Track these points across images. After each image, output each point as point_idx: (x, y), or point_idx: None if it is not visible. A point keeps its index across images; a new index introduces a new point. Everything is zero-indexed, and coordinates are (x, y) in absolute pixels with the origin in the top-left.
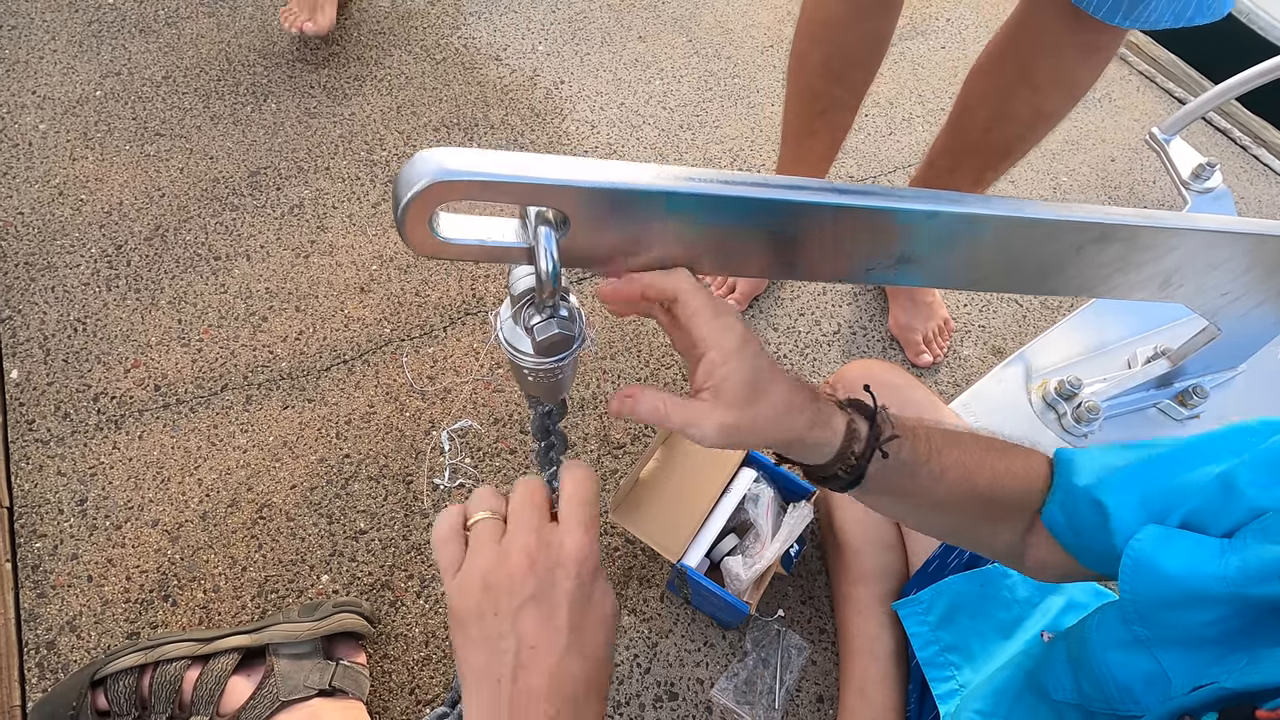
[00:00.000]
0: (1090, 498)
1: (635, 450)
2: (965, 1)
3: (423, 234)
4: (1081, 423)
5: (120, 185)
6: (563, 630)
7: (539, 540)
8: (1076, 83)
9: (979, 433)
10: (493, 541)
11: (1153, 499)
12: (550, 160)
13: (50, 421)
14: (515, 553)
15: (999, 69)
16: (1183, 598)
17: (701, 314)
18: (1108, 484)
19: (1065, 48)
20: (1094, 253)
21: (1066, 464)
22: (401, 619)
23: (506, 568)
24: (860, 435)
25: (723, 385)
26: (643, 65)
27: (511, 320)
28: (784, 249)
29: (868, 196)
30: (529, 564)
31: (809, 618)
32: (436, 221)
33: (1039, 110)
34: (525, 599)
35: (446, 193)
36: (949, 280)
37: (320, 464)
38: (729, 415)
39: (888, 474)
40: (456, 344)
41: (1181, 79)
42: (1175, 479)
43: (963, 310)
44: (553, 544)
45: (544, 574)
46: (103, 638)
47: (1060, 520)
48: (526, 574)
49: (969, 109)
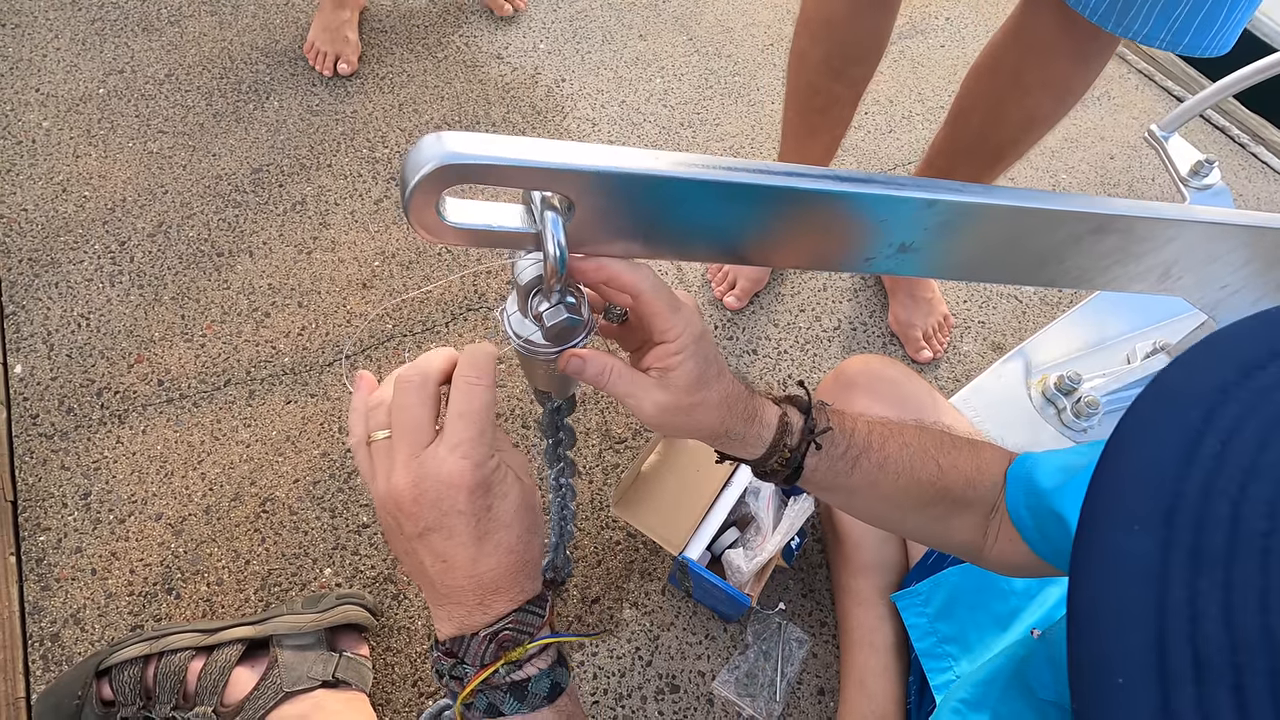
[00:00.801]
0: (1050, 507)
1: (636, 445)
2: (965, 0)
3: (429, 218)
4: (1081, 417)
5: (123, 182)
6: (468, 544)
7: (419, 471)
8: (1068, 89)
9: (928, 427)
10: (383, 464)
11: None
12: (557, 145)
13: (54, 416)
14: (401, 487)
15: (994, 72)
16: None
17: (662, 308)
18: (1067, 490)
19: (1058, 53)
20: (1092, 243)
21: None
22: (404, 611)
23: (394, 499)
24: (793, 429)
25: (672, 371)
26: (644, 63)
27: (519, 313)
28: (785, 237)
29: (869, 184)
30: (414, 498)
31: (810, 610)
32: (443, 206)
33: (1031, 115)
34: (421, 530)
35: (454, 175)
36: (947, 271)
37: (323, 458)
38: (669, 397)
39: (826, 466)
40: (459, 340)
41: (1180, 77)
42: None
43: (962, 306)
44: (429, 476)
45: (431, 504)
46: (106, 630)
47: (1028, 522)
48: (415, 507)
49: (964, 111)
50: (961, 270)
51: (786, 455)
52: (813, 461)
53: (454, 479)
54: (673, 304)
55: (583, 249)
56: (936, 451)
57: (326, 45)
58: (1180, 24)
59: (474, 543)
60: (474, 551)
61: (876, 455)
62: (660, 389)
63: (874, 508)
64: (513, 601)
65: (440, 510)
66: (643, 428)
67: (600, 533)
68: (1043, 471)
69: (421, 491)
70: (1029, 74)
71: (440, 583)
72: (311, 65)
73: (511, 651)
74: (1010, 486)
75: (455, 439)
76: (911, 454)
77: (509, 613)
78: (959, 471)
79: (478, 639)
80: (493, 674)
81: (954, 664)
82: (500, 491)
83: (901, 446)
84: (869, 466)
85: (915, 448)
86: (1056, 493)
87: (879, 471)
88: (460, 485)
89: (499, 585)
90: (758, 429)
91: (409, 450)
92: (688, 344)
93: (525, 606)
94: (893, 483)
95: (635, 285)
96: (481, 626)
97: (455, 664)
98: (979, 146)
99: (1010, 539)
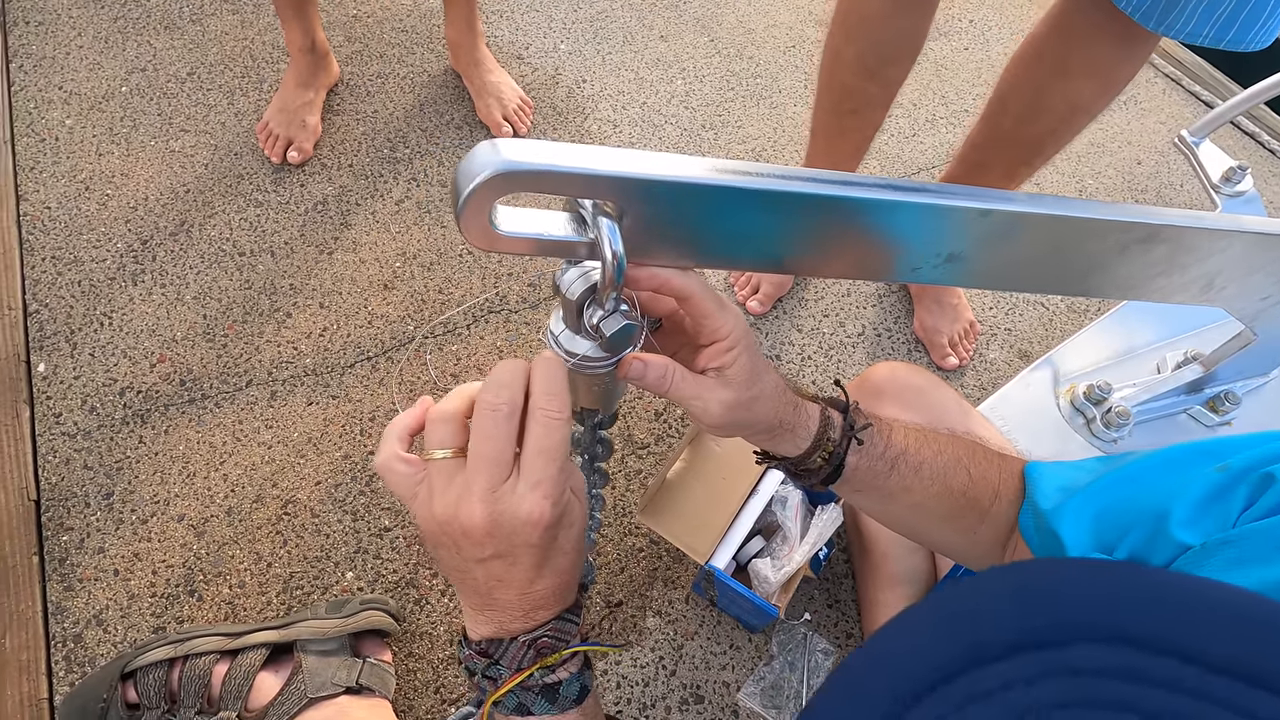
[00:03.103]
0: (1049, 528)
1: (659, 450)
2: (989, 3)
3: (482, 227)
4: (1111, 428)
5: (146, 180)
6: (528, 569)
7: (497, 506)
8: (1113, 77)
9: (960, 435)
10: (448, 486)
11: (1104, 527)
12: (612, 153)
13: (77, 415)
14: (476, 519)
15: (1036, 60)
16: None
17: (712, 308)
18: (1064, 512)
19: (1103, 39)
20: (1140, 253)
21: (1034, 481)
22: (426, 617)
23: (462, 524)
24: (835, 423)
25: (729, 367)
26: (664, 65)
27: (568, 330)
28: (833, 246)
29: (922, 194)
30: (488, 531)
31: (835, 621)
32: (495, 214)
33: (1073, 103)
34: (486, 556)
35: (508, 185)
36: (992, 280)
37: (344, 460)
38: (732, 393)
39: (866, 465)
40: (480, 342)
41: (1208, 81)
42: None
43: (988, 313)
44: (508, 512)
45: (504, 537)
46: (129, 632)
47: (1035, 540)
48: (486, 539)
49: (1003, 99)
50: (1006, 280)
51: (830, 450)
52: (853, 459)
53: (533, 518)
54: (719, 302)
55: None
56: (968, 460)
57: (280, 128)
58: (1224, 19)
59: (534, 568)
60: (533, 575)
61: (913, 458)
62: (723, 387)
63: (907, 515)
64: (553, 612)
65: (511, 543)
66: (665, 432)
67: (623, 539)
68: (1042, 491)
69: (497, 525)
70: (1073, 60)
71: (488, 594)
72: (261, 147)
73: (548, 657)
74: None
75: (536, 477)
76: (945, 461)
77: (549, 621)
78: (987, 482)
79: (517, 643)
80: (528, 677)
81: None
82: (567, 521)
83: (936, 453)
84: (905, 470)
85: (949, 455)
86: (1054, 514)
87: (914, 476)
88: (538, 524)
89: (547, 601)
90: (804, 419)
91: (488, 483)
92: (740, 339)
93: (564, 615)
94: (926, 488)
95: (686, 288)
96: (522, 631)
97: (490, 664)
98: (1017, 137)
99: (1025, 554)
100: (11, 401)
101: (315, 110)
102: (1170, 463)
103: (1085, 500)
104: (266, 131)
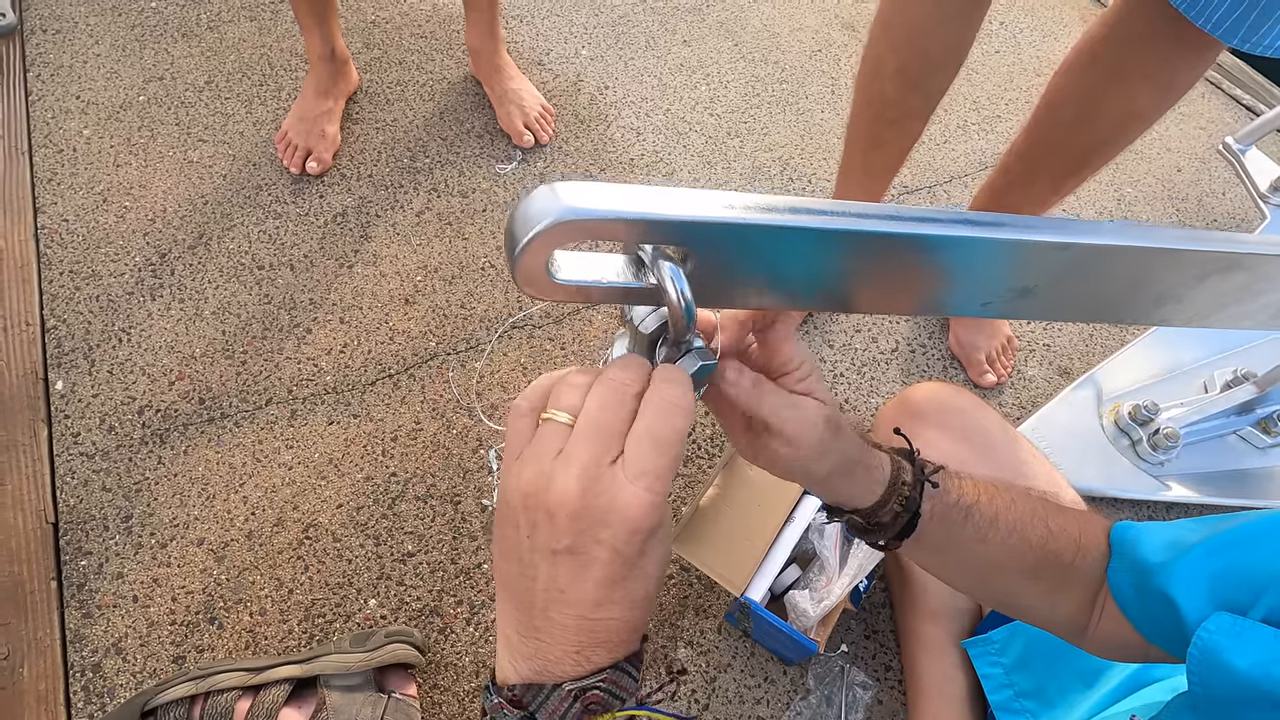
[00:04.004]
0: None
1: (687, 473)
2: (1019, 5)
3: (539, 277)
4: (1158, 450)
5: (164, 192)
6: (598, 584)
7: (590, 484)
8: (1172, 83)
9: (1030, 490)
10: (550, 453)
11: (1227, 587)
12: (680, 195)
13: (95, 435)
14: (567, 491)
15: (1090, 64)
16: (1257, 698)
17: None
18: (1175, 570)
19: (1164, 43)
20: (1217, 282)
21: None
22: (451, 647)
23: (548, 501)
24: (905, 468)
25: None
26: (688, 70)
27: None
28: (907, 283)
29: (1000, 229)
30: (574, 511)
31: (873, 653)
32: (553, 263)
33: (1129, 109)
34: (560, 548)
35: (569, 234)
36: (1063, 313)
37: (366, 482)
38: (828, 410)
39: (941, 513)
40: (504, 358)
41: (1249, 85)
42: (1251, 564)
43: (1026, 328)
44: (604, 495)
45: (586, 528)
46: (148, 661)
47: (1132, 600)
48: (568, 520)
49: (1053, 106)
50: (1077, 313)
51: (905, 495)
52: (928, 507)
53: (628, 511)
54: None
55: (699, 302)
56: (1045, 513)
57: (299, 138)
58: None
59: (606, 586)
60: (602, 595)
61: (986, 510)
62: (815, 405)
63: (985, 574)
64: (611, 657)
65: (593, 536)
66: (694, 454)
67: None
68: (1148, 546)
69: (585, 507)
70: (1130, 65)
71: (542, 611)
72: (279, 158)
73: (599, 716)
74: (1114, 558)
75: (643, 466)
76: (1019, 513)
77: (604, 669)
78: (1068, 535)
79: (560, 692)
80: None
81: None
82: (658, 538)
83: (1009, 505)
84: (980, 521)
85: (1023, 507)
86: (1163, 570)
87: (990, 528)
88: (630, 520)
89: (609, 639)
90: (877, 460)
91: (593, 455)
92: (811, 369)
93: (622, 665)
94: (1004, 541)
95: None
96: (569, 678)
97: (523, 717)
98: (1067, 146)
99: (1113, 617)
100: (29, 421)
101: (335, 119)
102: None
103: (1199, 558)
104: (285, 141)
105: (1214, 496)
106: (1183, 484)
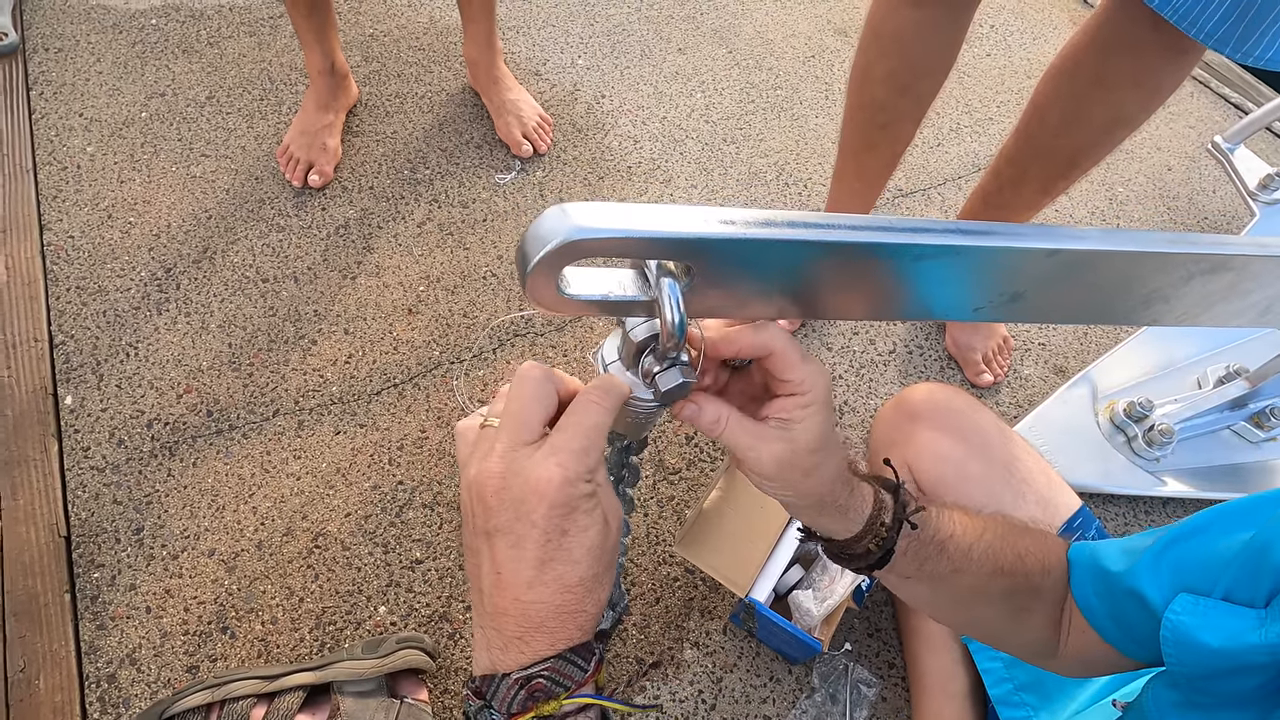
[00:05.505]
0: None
1: (690, 475)
2: (1010, 8)
3: (549, 291)
4: (1154, 446)
5: (168, 207)
6: (529, 563)
7: (507, 467)
8: (1157, 87)
9: (998, 515)
10: (485, 450)
11: (1187, 572)
12: (687, 213)
13: (105, 449)
14: (490, 473)
15: (1074, 71)
16: (1227, 669)
17: (796, 359)
18: (1139, 569)
19: (1147, 47)
20: (1203, 282)
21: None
22: (460, 652)
23: (481, 487)
24: (887, 506)
25: (798, 424)
26: (683, 78)
27: (619, 363)
28: (899, 291)
29: (989, 236)
30: (496, 490)
31: (877, 651)
32: (562, 280)
33: (1115, 114)
34: (493, 528)
35: (578, 252)
36: (1053, 316)
37: (374, 491)
38: (788, 449)
39: (915, 550)
40: (507, 366)
41: (1237, 84)
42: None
43: (1022, 328)
44: (521, 473)
45: (511, 505)
46: (162, 671)
47: (1098, 609)
48: (495, 500)
49: (1040, 112)
50: (1067, 314)
51: (883, 535)
52: (903, 544)
53: (540, 485)
54: (803, 354)
55: (702, 313)
56: (1014, 537)
57: (301, 151)
58: None
59: (535, 565)
60: (531, 575)
61: (961, 540)
62: (780, 440)
63: (957, 601)
64: (553, 646)
65: (516, 514)
66: (696, 458)
67: (657, 569)
68: (1107, 557)
69: (506, 485)
70: (1115, 70)
71: (490, 597)
72: (281, 171)
73: (544, 704)
74: (1074, 573)
75: (556, 445)
76: (990, 540)
77: (547, 658)
78: (1034, 557)
79: (508, 681)
80: None
81: (1033, 714)
82: (582, 523)
83: (981, 532)
84: (955, 552)
85: (994, 533)
86: (1128, 572)
87: (964, 558)
88: (544, 495)
89: (544, 623)
90: (858, 501)
91: (510, 440)
92: (819, 398)
93: (566, 654)
94: (979, 569)
95: (769, 344)
96: (514, 667)
97: (481, 707)
98: (1054, 150)
99: (1081, 631)
100: (40, 436)
101: (335, 132)
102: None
103: (1159, 552)
104: (287, 155)
105: (1209, 491)
106: (1178, 479)
